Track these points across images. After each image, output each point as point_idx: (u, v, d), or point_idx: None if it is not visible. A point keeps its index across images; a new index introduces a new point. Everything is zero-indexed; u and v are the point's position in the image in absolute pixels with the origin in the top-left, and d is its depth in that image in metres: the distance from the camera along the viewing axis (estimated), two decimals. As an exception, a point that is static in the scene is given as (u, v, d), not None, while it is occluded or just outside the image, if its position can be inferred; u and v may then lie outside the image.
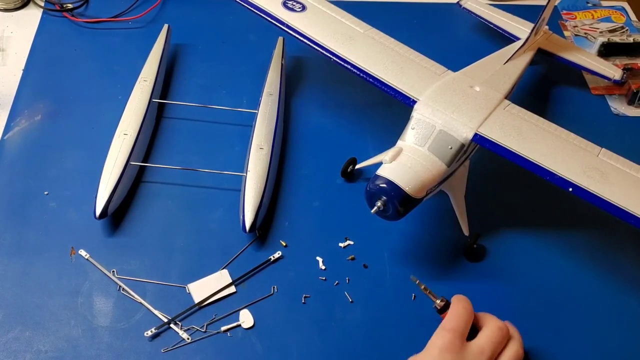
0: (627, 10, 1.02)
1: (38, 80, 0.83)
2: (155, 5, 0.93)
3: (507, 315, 0.58)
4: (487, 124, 0.64)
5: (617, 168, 0.63)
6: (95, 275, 0.64)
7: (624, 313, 0.66)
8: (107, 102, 0.80)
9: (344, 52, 0.69)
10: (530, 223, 0.73)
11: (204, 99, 0.81)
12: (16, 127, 0.77)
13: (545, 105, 0.87)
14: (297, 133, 0.80)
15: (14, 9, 0.93)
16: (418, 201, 0.61)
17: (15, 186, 0.71)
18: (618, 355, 0.63)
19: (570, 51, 0.88)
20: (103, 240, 0.67)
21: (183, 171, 0.73)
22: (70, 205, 0.70)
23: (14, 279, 0.63)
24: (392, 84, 0.67)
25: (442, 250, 0.69)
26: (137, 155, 0.72)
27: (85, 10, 0.93)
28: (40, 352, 0.58)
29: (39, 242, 0.66)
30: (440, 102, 0.65)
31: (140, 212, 0.70)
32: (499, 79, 0.72)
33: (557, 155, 0.62)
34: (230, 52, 0.90)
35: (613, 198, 0.58)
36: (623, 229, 0.70)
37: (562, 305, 0.66)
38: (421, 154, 0.61)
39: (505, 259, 0.69)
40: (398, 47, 0.72)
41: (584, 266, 0.69)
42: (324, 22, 0.73)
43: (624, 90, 0.89)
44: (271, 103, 0.77)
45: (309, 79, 0.87)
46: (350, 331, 0.62)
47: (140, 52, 0.83)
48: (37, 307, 0.61)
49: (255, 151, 0.71)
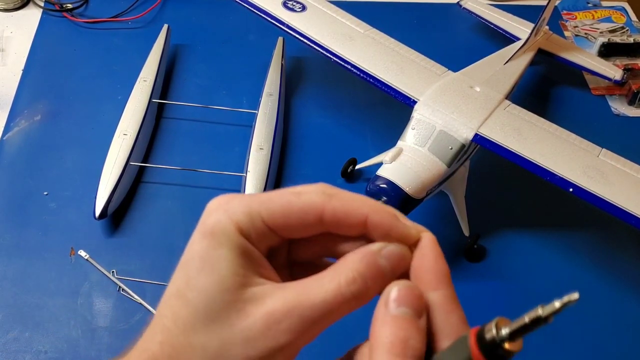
0: (627, 10, 1.02)
1: (38, 81, 0.83)
2: (155, 6, 0.93)
3: (507, 315, 0.58)
4: (488, 124, 0.64)
5: (618, 168, 0.63)
6: (95, 276, 0.64)
7: (625, 314, 0.66)
8: (106, 103, 0.80)
9: (344, 52, 0.69)
10: (530, 223, 0.73)
11: (203, 100, 0.81)
12: (16, 128, 0.77)
13: (545, 106, 0.87)
14: (297, 133, 0.80)
15: (13, 9, 0.93)
16: (418, 202, 0.61)
17: (15, 186, 0.71)
18: (618, 356, 0.63)
19: (571, 51, 0.88)
20: (103, 240, 0.67)
21: (183, 172, 0.73)
22: (70, 205, 0.70)
23: (13, 280, 0.63)
24: (392, 84, 0.67)
25: (443, 250, 0.69)
26: (137, 156, 0.72)
27: (85, 11, 0.93)
28: (40, 353, 0.58)
29: (39, 243, 0.66)
30: (441, 103, 0.65)
31: (140, 213, 0.70)
32: (499, 79, 0.72)
33: (557, 156, 0.62)
34: (230, 52, 0.90)
35: (613, 198, 0.58)
36: (623, 230, 0.70)
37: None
38: (421, 155, 0.61)
39: (505, 260, 0.69)
40: (398, 47, 0.72)
41: (584, 267, 0.69)
42: (324, 22, 0.73)
43: (625, 90, 0.89)
44: (271, 103, 0.77)
45: (309, 79, 0.87)
46: (351, 331, 0.62)
47: (140, 53, 0.83)
48: (36, 308, 0.61)
49: (255, 152, 0.71)
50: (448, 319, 0.27)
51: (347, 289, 0.26)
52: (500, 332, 0.24)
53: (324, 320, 0.26)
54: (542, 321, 0.24)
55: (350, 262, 0.26)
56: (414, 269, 0.27)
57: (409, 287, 0.26)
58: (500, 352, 0.24)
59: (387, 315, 0.26)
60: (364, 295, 0.26)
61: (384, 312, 0.26)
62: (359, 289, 0.26)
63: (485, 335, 0.24)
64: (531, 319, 0.24)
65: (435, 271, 0.27)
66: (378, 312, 0.26)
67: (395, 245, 0.27)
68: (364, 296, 0.26)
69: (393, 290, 0.26)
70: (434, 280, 0.27)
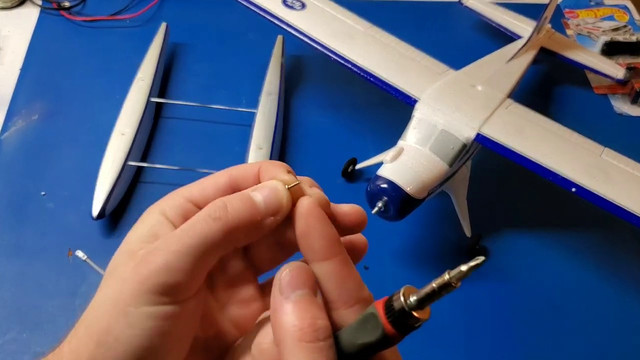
0: (630, 8, 1.01)
1: (35, 80, 0.83)
2: (153, 4, 0.92)
3: (509, 315, 0.57)
4: (489, 123, 0.63)
5: (620, 168, 0.62)
6: (93, 277, 0.63)
7: (627, 314, 0.65)
8: (104, 102, 0.79)
9: (344, 50, 0.69)
10: (532, 223, 0.72)
11: (202, 99, 0.80)
12: (13, 127, 0.77)
13: (547, 105, 0.87)
14: (296, 132, 0.79)
15: (11, 7, 0.92)
16: (419, 202, 0.60)
17: (13, 187, 0.71)
18: (621, 356, 0.62)
19: (573, 50, 0.87)
20: (101, 241, 0.66)
21: (181, 171, 0.72)
22: (68, 205, 0.69)
23: (11, 280, 0.63)
24: (393, 83, 0.66)
25: (444, 251, 0.69)
26: (135, 155, 0.72)
27: (83, 9, 0.93)
28: (38, 354, 0.57)
29: (37, 243, 0.66)
30: (442, 102, 0.64)
31: (139, 213, 0.68)
32: (501, 78, 0.72)
33: (559, 155, 0.61)
34: (229, 51, 0.89)
35: (616, 198, 0.58)
36: (626, 230, 0.69)
37: (564, 306, 0.65)
38: (422, 154, 0.60)
39: (507, 260, 0.68)
40: (399, 45, 0.72)
41: (587, 267, 0.69)
42: (324, 20, 0.72)
43: (627, 89, 0.88)
44: (270, 103, 0.76)
45: (308, 78, 0.87)
46: None
47: (138, 51, 0.83)
48: (34, 309, 0.61)
49: (255, 151, 0.70)
50: (344, 285, 0.26)
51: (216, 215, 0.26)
52: (409, 300, 0.24)
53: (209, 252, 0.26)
54: (449, 287, 0.23)
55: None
56: (302, 238, 0.27)
57: (298, 267, 0.26)
58: (411, 320, 0.24)
59: (286, 303, 0.25)
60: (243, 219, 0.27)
61: (281, 300, 0.25)
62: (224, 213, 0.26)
63: (393, 304, 0.24)
64: (439, 284, 0.23)
65: (324, 237, 0.27)
66: (275, 301, 0.26)
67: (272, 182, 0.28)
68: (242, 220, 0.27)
69: (284, 274, 0.26)
70: (326, 247, 0.26)
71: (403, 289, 0.24)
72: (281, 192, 0.27)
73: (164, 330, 0.25)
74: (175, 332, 0.26)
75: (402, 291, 0.24)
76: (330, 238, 0.27)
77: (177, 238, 0.26)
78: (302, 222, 0.27)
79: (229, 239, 0.26)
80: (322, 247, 0.26)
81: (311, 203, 0.27)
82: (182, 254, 0.25)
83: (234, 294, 0.29)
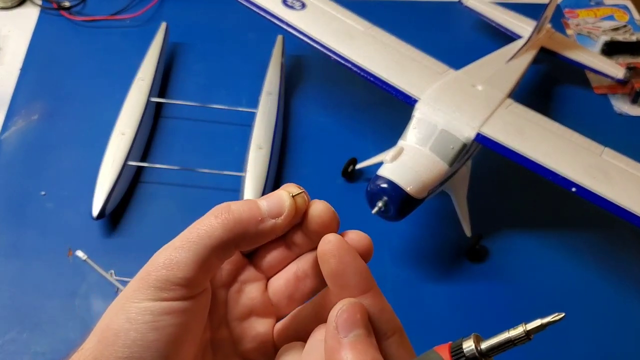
0: (630, 8, 1.01)
1: (35, 80, 0.83)
2: (153, 4, 0.92)
3: (509, 315, 0.57)
4: (490, 123, 0.63)
5: (620, 168, 0.62)
6: (93, 277, 0.63)
7: (627, 314, 0.65)
8: (104, 101, 0.79)
9: (344, 50, 0.69)
10: (532, 223, 0.72)
11: (202, 99, 0.80)
12: (13, 127, 0.77)
13: (547, 105, 0.87)
14: (296, 132, 0.79)
15: (11, 7, 0.92)
16: (419, 201, 0.60)
17: (12, 186, 0.71)
18: (622, 355, 0.62)
19: (573, 50, 0.87)
20: (101, 241, 0.66)
21: (181, 171, 0.72)
22: (68, 205, 0.69)
23: (11, 281, 0.63)
24: (393, 82, 0.66)
25: (444, 251, 0.68)
26: (135, 155, 0.72)
27: (83, 9, 0.93)
28: (38, 354, 0.57)
29: (36, 243, 0.66)
30: (442, 101, 0.64)
31: (139, 213, 0.69)
32: (501, 77, 0.72)
33: (559, 155, 0.61)
34: (229, 50, 0.89)
35: (616, 198, 0.58)
36: (627, 230, 0.69)
37: (564, 306, 0.65)
38: (423, 154, 0.60)
39: (508, 260, 0.68)
40: (399, 45, 0.72)
41: (587, 267, 0.69)
42: (324, 20, 0.72)
43: (627, 89, 0.88)
44: (270, 102, 0.76)
45: (308, 78, 0.87)
46: None
47: (138, 51, 0.82)
48: (34, 309, 0.61)
49: (255, 151, 0.70)
50: (383, 317, 0.26)
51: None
52: (480, 347, 0.23)
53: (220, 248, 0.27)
54: (525, 339, 0.23)
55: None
56: (336, 277, 0.26)
57: (353, 305, 0.25)
58: None
59: (344, 345, 0.25)
60: (246, 220, 0.27)
61: (340, 340, 0.25)
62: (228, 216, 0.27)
63: (463, 350, 0.24)
64: (515, 337, 0.23)
65: (359, 273, 0.26)
66: (332, 341, 0.25)
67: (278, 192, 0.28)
68: (245, 221, 0.27)
69: (340, 312, 0.25)
70: (362, 282, 0.26)
71: (472, 336, 0.24)
72: (284, 196, 0.28)
73: (162, 326, 0.25)
74: (175, 331, 0.26)
75: (472, 338, 0.24)
76: (362, 272, 0.26)
77: (181, 236, 0.27)
78: (334, 260, 0.26)
79: (231, 237, 0.27)
80: (359, 283, 0.26)
81: (339, 239, 0.27)
82: (184, 250, 0.26)
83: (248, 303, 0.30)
